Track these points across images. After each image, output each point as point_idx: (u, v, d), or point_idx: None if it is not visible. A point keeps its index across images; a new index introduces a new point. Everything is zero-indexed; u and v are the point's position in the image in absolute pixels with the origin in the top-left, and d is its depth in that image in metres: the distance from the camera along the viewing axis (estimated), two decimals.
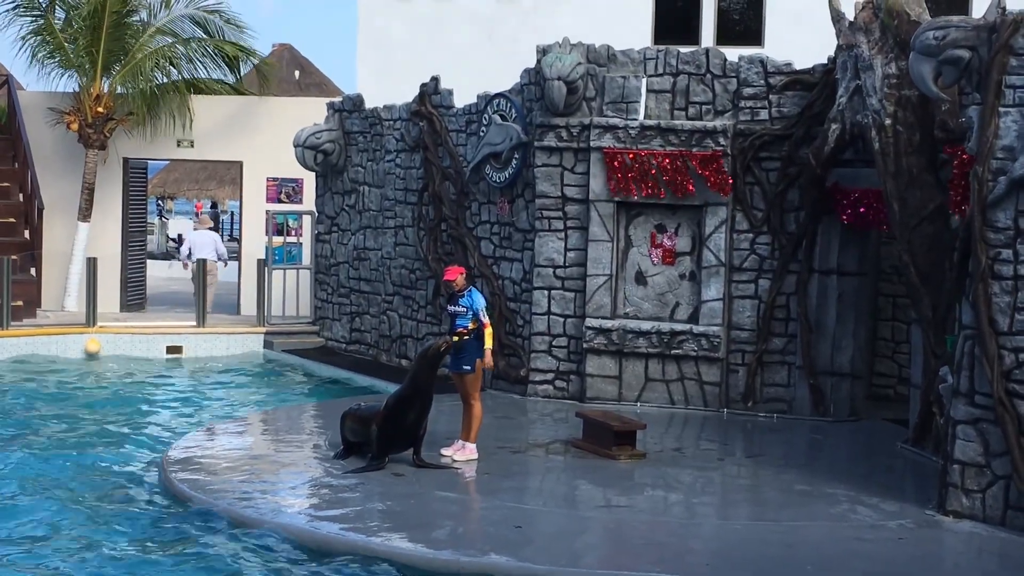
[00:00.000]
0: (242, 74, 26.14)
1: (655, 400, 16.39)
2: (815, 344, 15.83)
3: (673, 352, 16.26)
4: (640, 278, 16.62)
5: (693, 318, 16.37)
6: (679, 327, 16.28)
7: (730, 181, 15.91)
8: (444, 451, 13.18)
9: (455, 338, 12.90)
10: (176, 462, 13.01)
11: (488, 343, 13.03)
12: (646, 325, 16.36)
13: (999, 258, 11.08)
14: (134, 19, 25.11)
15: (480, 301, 13.13)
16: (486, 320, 13.03)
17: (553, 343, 16.90)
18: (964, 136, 12.01)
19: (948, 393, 11.75)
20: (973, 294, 11.23)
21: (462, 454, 13.12)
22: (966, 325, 11.39)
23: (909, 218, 13.75)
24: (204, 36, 25.66)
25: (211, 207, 43.78)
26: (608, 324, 16.41)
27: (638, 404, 16.34)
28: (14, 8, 24.71)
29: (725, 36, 24.11)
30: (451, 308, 13.22)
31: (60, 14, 24.97)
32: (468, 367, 13.03)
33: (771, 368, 16.13)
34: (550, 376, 16.97)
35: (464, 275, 13.35)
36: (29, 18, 24.72)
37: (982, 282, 11.14)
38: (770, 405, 16.11)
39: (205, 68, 25.43)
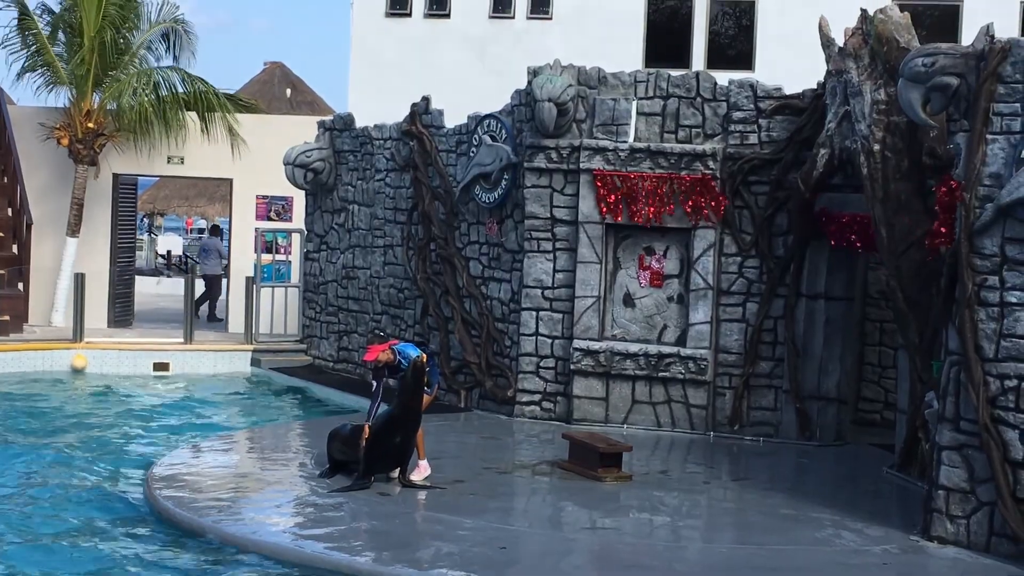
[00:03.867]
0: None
1: (642, 422, 16.40)
2: (802, 368, 15.86)
3: (660, 374, 16.27)
4: (628, 300, 16.64)
5: (681, 341, 16.39)
6: (666, 349, 16.30)
7: (724, 203, 15.94)
8: (411, 476, 13.02)
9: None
10: (161, 479, 12.97)
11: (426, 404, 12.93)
12: (633, 347, 16.38)
13: (985, 285, 11.11)
14: (122, 39, 25.11)
15: (411, 352, 12.80)
16: (428, 391, 12.92)
17: (540, 364, 16.91)
18: (951, 163, 12.07)
19: (934, 419, 11.77)
20: (959, 320, 11.26)
21: (417, 473, 13.03)
22: (952, 351, 11.41)
23: (897, 244, 13.79)
24: (168, 58, 25.66)
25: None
26: (596, 346, 16.42)
27: (625, 426, 16.34)
28: (8, 26, 24.76)
29: (716, 60, 24.23)
30: (395, 380, 12.95)
31: (47, 28, 24.97)
32: (427, 389, 12.96)
33: (758, 392, 16.15)
34: (537, 397, 16.97)
35: (385, 350, 12.88)
36: (22, 36, 24.71)
37: (968, 308, 11.17)
38: (757, 429, 16.13)
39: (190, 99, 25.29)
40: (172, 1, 25.50)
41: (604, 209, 16.27)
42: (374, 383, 13.08)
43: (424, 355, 12.80)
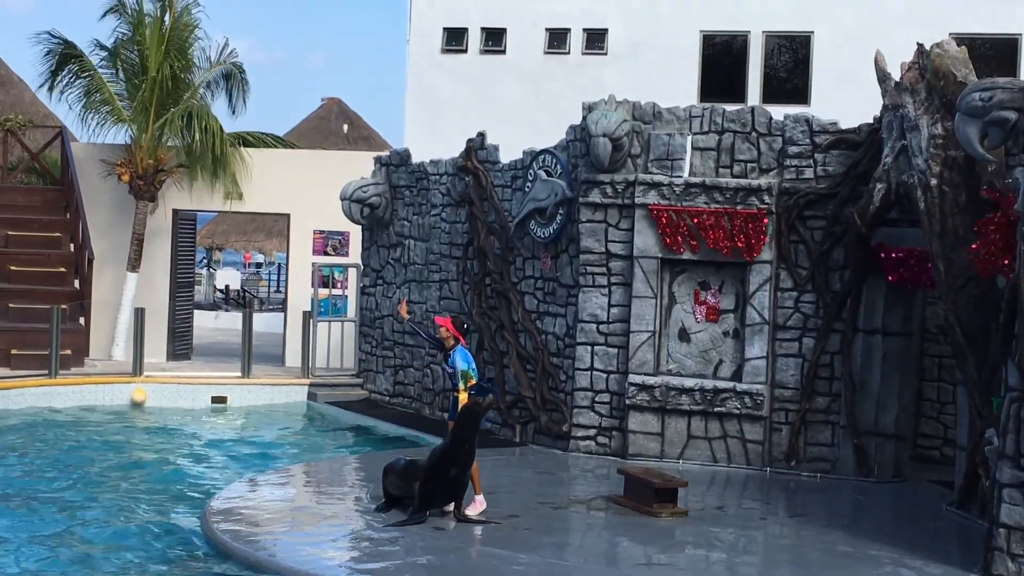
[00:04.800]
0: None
1: (697, 457, 16.33)
2: (859, 404, 15.74)
3: (716, 409, 16.21)
4: (683, 335, 16.60)
5: (736, 376, 16.32)
6: (722, 384, 16.24)
7: (763, 241, 15.89)
8: (466, 511, 13.03)
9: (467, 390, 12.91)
10: (218, 512, 13.06)
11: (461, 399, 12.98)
12: (689, 382, 16.33)
13: None
14: (186, 76, 25.46)
15: (460, 364, 13.04)
16: (460, 385, 12.98)
17: (596, 399, 16.89)
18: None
19: (994, 455, 11.64)
20: (1019, 356, 11.14)
21: (473, 508, 13.04)
22: (1012, 387, 11.29)
23: (955, 278, 13.68)
24: (226, 98, 25.95)
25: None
26: (651, 380, 16.39)
27: (680, 461, 16.28)
28: (66, 63, 25.08)
29: (771, 95, 24.21)
30: (445, 368, 13.40)
31: (102, 64, 25.31)
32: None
33: (815, 427, 16.05)
34: (592, 432, 16.94)
35: (451, 328, 13.25)
36: (83, 75, 25.08)
37: None
38: (813, 464, 16.01)
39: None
40: (231, 44, 25.93)
41: (668, 242, 16.23)
42: (432, 333, 13.64)
43: (489, 399, 12.83)
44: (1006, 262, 12.15)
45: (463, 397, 12.93)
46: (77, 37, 25.68)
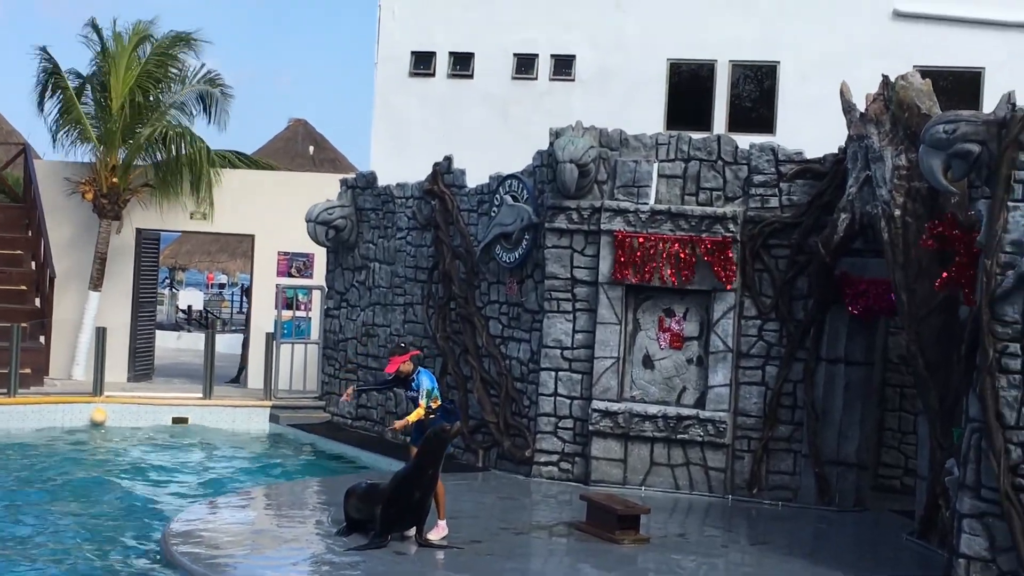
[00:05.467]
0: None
1: (660, 484, 16.33)
2: (821, 432, 15.80)
3: (679, 437, 16.23)
4: (647, 362, 16.63)
5: (700, 403, 16.35)
6: (685, 412, 16.26)
7: (733, 269, 15.96)
8: (428, 535, 12.97)
9: (432, 415, 12.90)
10: (178, 535, 12.96)
11: (409, 418, 13.01)
12: (652, 409, 16.35)
13: (1007, 352, 11.09)
14: (152, 97, 25.40)
15: (426, 383, 13.10)
16: (422, 401, 12.99)
17: (559, 425, 16.88)
18: (972, 229, 12.07)
19: (954, 486, 11.70)
20: (980, 387, 11.22)
21: (435, 533, 12.99)
22: (973, 418, 11.37)
23: (917, 309, 13.77)
24: (204, 118, 25.95)
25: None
26: (614, 407, 16.40)
27: (643, 488, 16.28)
28: (40, 83, 25.05)
29: (737, 123, 24.32)
30: (407, 393, 13.36)
31: (77, 86, 25.27)
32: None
33: (777, 455, 16.09)
34: (555, 458, 16.92)
35: (407, 360, 13.22)
36: (52, 93, 25.03)
37: (989, 375, 11.14)
38: (775, 493, 16.04)
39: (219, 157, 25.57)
40: (209, 66, 25.93)
41: (619, 270, 16.26)
42: (387, 377, 13.54)
43: (456, 426, 12.80)
44: (966, 291, 12.26)
45: (420, 412, 12.91)
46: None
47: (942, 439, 13.35)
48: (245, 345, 25.91)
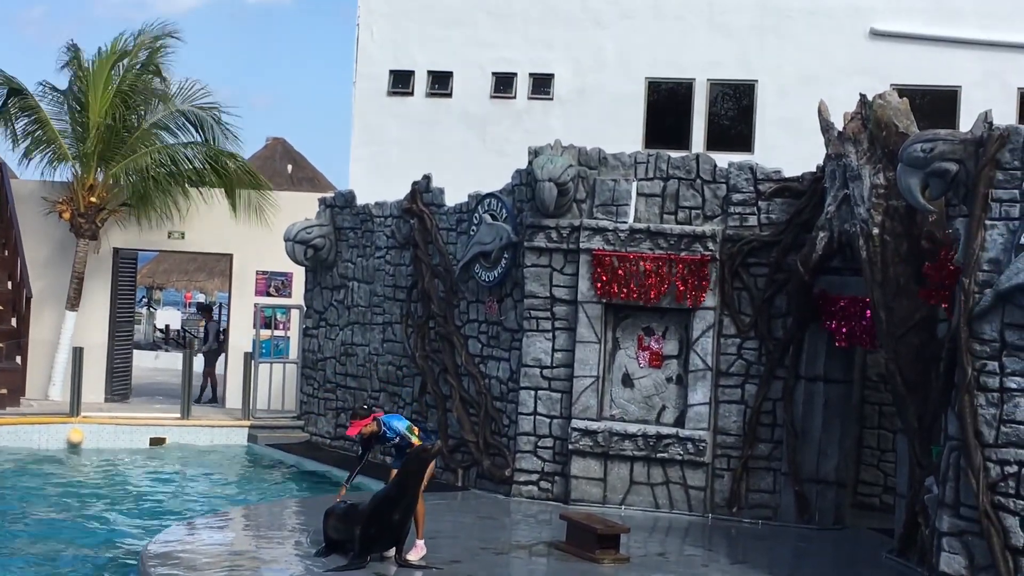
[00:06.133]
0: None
1: (640, 503, 16.31)
2: (801, 451, 15.80)
3: (659, 455, 16.21)
4: (627, 380, 16.62)
5: (679, 422, 16.34)
6: (665, 430, 16.25)
7: (706, 290, 15.98)
8: (408, 556, 12.91)
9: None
10: (155, 556, 12.86)
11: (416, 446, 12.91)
12: (632, 428, 16.33)
13: (985, 370, 11.11)
14: (133, 116, 25.29)
15: (398, 424, 13.04)
16: (413, 440, 12.90)
17: (538, 444, 16.85)
18: (950, 247, 12.11)
19: (933, 504, 11.71)
20: (959, 405, 11.24)
21: (414, 553, 12.92)
22: (952, 436, 11.38)
23: (895, 327, 13.79)
24: (196, 138, 25.71)
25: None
26: (594, 426, 16.38)
27: (622, 507, 16.25)
28: (8, 99, 24.92)
29: (715, 142, 24.42)
30: (386, 446, 13.28)
31: (53, 106, 25.16)
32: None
33: (756, 474, 16.08)
34: (535, 477, 16.89)
35: (368, 423, 13.05)
36: (26, 112, 24.90)
37: (968, 393, 11.16)
38: (755, 511, 16.03)
39: (200, 175, 25.34)
40: (198, 85, 25.66)
41: (600, 288, 16.27)
42: (360, 449, 13.49)
43: (437, 444, 12.79)
44: (944, 306, 12.29)
45: (417, 441, 12.92)
46: (25, 77, 25.51)
47: (921, 457, 13.36)
48: (210, 362, 25.94)
